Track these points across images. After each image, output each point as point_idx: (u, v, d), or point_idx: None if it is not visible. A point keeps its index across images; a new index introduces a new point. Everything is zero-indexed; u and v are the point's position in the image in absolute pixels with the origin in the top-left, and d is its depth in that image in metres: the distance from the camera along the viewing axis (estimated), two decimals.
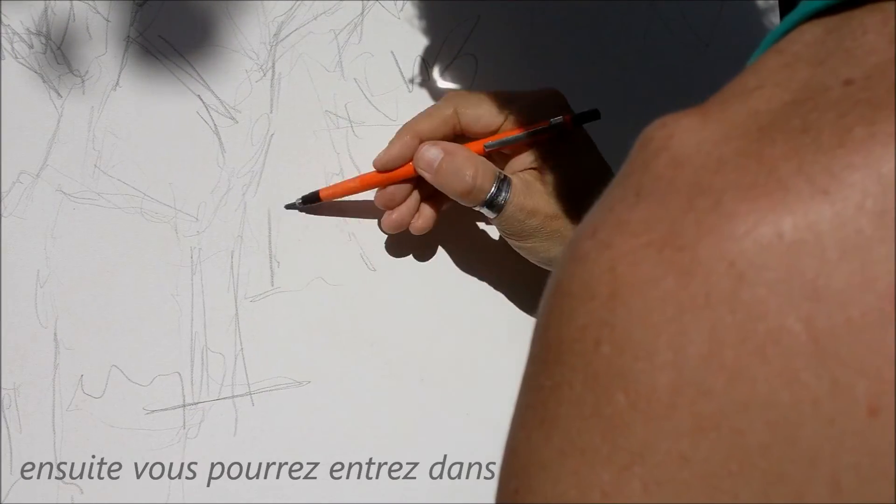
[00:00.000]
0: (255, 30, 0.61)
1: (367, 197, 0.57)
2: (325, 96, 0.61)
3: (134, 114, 0.59)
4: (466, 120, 0.54)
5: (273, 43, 0.61)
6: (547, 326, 0.25)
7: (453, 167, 0.52)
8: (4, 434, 0.53)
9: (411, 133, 0.54)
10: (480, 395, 0.57)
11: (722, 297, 0.22)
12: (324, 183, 0.59)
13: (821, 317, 0.21)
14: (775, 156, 0.22)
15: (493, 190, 0.52)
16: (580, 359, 0.24)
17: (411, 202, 0.55)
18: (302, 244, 0.58)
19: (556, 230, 0.53)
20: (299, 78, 0.61)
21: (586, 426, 0.23)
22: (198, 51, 0.60)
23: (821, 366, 0.21)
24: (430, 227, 0.55)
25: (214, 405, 0.55)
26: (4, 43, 0.59)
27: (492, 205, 0.52)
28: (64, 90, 0.59)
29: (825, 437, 0.21)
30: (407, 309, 0.58)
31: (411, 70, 0.62)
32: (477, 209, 0.53)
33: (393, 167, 0.54)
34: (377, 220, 0.58)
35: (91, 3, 0.60)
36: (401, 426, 0.56)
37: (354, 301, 0.58)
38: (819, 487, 0.21)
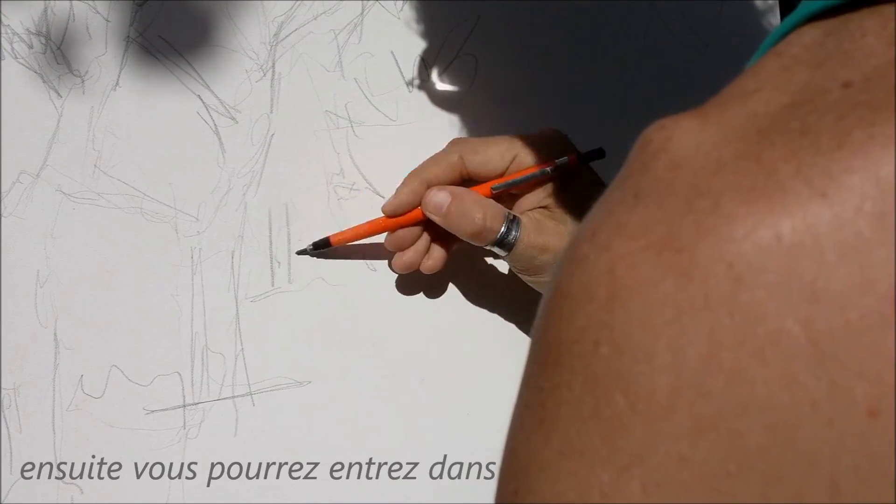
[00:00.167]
0: (255, 30, 0.61)
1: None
2: (325, 96, 0.61)
3: (134, 114, 0.59)
4: (472, 166, 0.54)
5: (273, 43, 0.61)
6: (546, 328, 0.25)
7: (462, 209, 0.52)
8: (4, 434, 0.53)
9: (419, 179, 0.54)
10: (480, 395, 0.57)
11: (721, 300, 0.22)
12: (324, 183, 0.59)
13: (820, 319, 0.21)
14: (774, 158, 0.22)
15: (504, 229, 0.52)
16: (579, 360, 0.24)
17: (421, 244, 0.55)
18: (302, 244, 0.58)
19: None
20: (299, 78, 0.61)
21: (585, 427, 0.23)
22: (198, 51, 0.60)
23: (820, 368, 0.21)
24: (441, 267, 0.56)
25: (215, 405, 0.55)
26: (4, 43, 0.59)
27: (503, 244, 0.53)
28: (64, 90, 0.59)
29: (824, 439, 0.21)
30: (407, 309, 0.58)
31: (411, 70, 0.62)
32: (488, 248, 0.53)
33: (402, 213, 0.54)
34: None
35: (91, 3, 0.60)
36: (401, 426, 0.56)
37: (355, 301, 0.58)
38: (818, 489, 0.21)
